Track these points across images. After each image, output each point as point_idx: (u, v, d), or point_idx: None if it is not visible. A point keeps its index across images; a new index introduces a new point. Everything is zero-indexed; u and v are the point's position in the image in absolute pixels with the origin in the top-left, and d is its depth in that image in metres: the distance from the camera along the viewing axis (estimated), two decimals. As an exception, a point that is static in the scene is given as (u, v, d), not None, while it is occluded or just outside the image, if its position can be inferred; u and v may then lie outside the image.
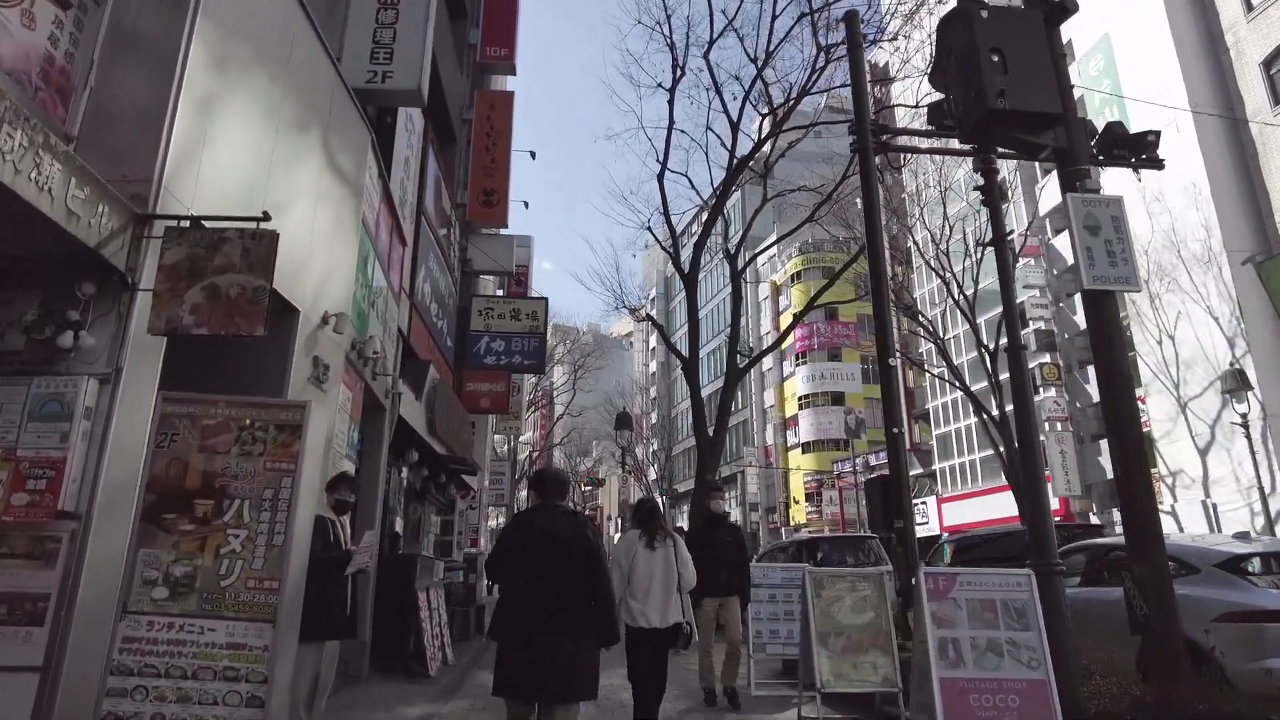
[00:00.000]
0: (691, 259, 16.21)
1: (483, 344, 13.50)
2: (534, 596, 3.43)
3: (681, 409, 65.62)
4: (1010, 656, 3.83)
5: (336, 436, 5.63)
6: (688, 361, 16.69)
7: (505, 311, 13.78)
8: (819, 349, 46.82)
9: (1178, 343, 24.09)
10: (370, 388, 6.73)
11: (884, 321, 7.75)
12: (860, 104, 8.11)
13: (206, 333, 3.17)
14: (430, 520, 10.91)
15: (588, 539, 3.60)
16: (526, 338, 13.63)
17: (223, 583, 2.85)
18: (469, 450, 11.58)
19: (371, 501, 7.12)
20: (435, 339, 10.72)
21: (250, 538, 2.92)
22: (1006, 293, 6.29)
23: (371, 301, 6.67)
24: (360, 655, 6.75)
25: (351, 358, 5.90)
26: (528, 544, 3.56)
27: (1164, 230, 24.14)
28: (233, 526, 2.91)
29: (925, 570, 4.09)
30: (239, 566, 2.88)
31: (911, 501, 7.44)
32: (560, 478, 3.92)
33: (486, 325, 13.61)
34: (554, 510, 3.69)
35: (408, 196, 9.30)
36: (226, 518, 2.92)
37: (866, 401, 45.59)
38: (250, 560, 2.89)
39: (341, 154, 5.66)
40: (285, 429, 3.12)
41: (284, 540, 2.95)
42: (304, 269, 4.99)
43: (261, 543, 2.92)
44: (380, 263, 6.99)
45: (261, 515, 2.95)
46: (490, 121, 14.67)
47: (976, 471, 34.14)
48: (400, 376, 8.26)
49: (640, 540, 4.83)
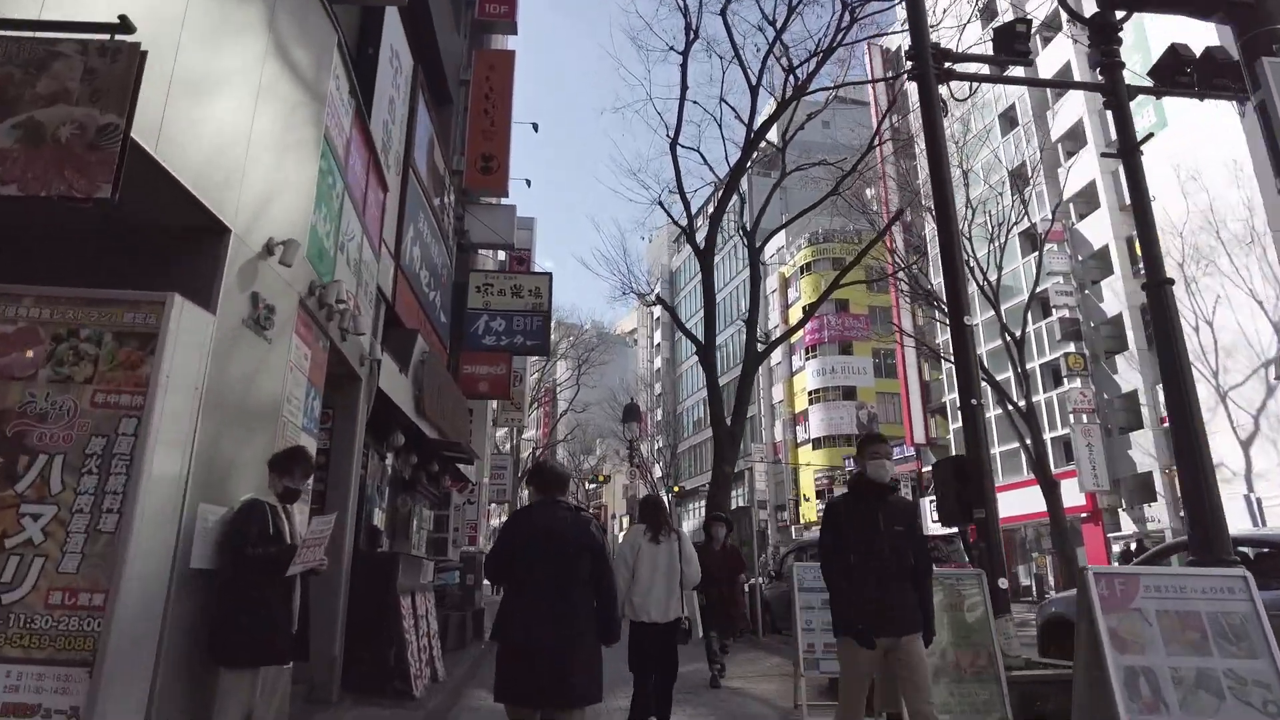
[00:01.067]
0: (707, 234, 15.01)
1: (481, 323, 12.32)
2: (536, 595, 3.34)
3: (687, 405, 64.46)
4: (1235, 697, 2.62)
5: (289, 402, 4.45)
6: (704, 346, 15.50)
7: (506, 288, 12.59)
8: (829, 342, 45.49)
9: (1217, 329, 22.77)
10: (339, 350, 5.54)
11: (956, 274, 6.58)
12: (918, 22, 6.93)
13: (17, 193, 1.97)
14: (422, 515, 9.72)
15: (592, 535, 3.53)
16: (529, 316, 12.44)
17: (3, 597, 1.67)
18: (465, 436, 10.39)
19: (343, 488, 5.93)
20: (427, 312, 9.54)
21: (60, 520, 1.75)
22: (1142, 217, 5.07)
23: (341, 245, 5.48)
24: (329, 674, 5.56)
25: (309, 304, 4.71)
26: (527, 541, 3.44)
27: (1201, 210, 22.84)
28: (31, 500, 1.73)
29: (1093, 570, 2.88)
30: (36, 569, 1.69)
31: (992, 485, 6.24)
32: (560, 471, 3.75)
33: (485, 302, 12.43)
34: (555, 506, 3.55)
35: (393, 143, 8.13)
36: (22, 486, 1.74)
37: (879, 396, 44.30)
38: (59, 559, 1.71)
39: (296, 45, 4.48)
40: (131, 340, 1.94)
41: (120, 525, 1.78)
42: (237, 178, 3.80)
43: (80, 528, 1.75)
44: (354, 203, 5.81)
45: (84, 482, 1.78)
46: (489, 83, 13.48)
47: (997, 466, 32.82)
48: (383, 345, 7.09)
49: (645, 535, 4.87)
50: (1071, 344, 29.04)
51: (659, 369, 67.80)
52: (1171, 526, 24.49)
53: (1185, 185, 23.20)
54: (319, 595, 5.59)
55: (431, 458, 9.49)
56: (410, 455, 8.69)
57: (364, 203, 6.22)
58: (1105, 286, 27.43)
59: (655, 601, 4.66)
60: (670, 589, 4.72)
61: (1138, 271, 27.09)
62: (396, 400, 7.19)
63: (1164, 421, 25.39)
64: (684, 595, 4.77)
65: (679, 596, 4.73)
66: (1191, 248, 23.06)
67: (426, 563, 7.62)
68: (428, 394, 7.93)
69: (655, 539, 4.83)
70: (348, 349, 5.73)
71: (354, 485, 6.01)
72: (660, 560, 4.75)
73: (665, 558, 4.77)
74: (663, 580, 4.72)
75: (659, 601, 4.67)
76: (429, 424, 8.22)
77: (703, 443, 61.01)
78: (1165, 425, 25.38)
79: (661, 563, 4.74)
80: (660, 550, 4.80)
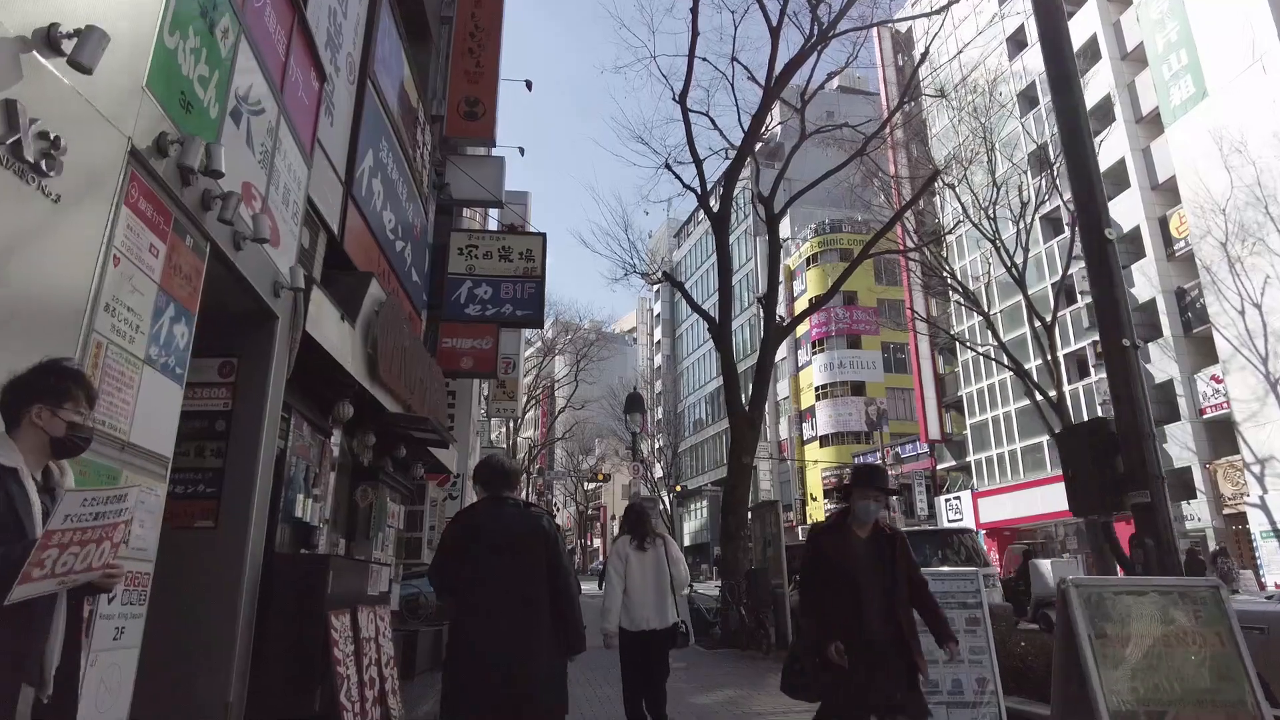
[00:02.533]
0: (722, 195, 13.34)
1: (464, 290, 10.66)
2: (487, 602, 3.06)
3: (689, 403, 62.78)
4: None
5: (111, 313, 2.77)
6: (718, 325, 13.84)
7: (493, 249, 10.93)
8: (837, 335, 43.81)
9: (1265, 311, 21.10)
10: (236, 269, 3.87)
11: (1088, 163, 4.96)
12: None
13: None
14: (387, 509, 8.03)
15: (544, 530, 3.21)
16: (520, 282, 10.78)
17: None
18: (440, 415, 8.71)
19: (248, 466, 4.25)
20: (392, 263, 7.87)
21: None
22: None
23: (236, 111, 3.81)
24: (222, 727, 3.88)
25: (159, 170, 3.03)
26: (469, 544, 3.16)
27: (1247, 185, 21.18)
28: None
29: None
30: None
31: (1157, 457, 4.54)
32: (507, 465, 3.40)
33: (469, 267, 10.77)
34: (502, 503, 3.27)
35: (344, 43, 6.49)
36: None
37: (889, 392, 42.63)
38: None
39: None
40: None
41: None
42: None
43: None
44: (261, 64, 4.14)
45: None
46: (475, 19, 11.83)
47: (1017, 463, 31.20)
48: (324, 287, 5.43)
49: (631, 544, 4.87)
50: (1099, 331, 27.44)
51: (659, 366, 66.12)
52: (1214, 525, 22.85)
53: (1229, 158, 21.57)
54: (207, 618, 3.90)
55: (398, 441, 7.81)
56: (367, 435, 7.01)
57: (282, 77, 4.54)
58: (1136, 270, 25.79)
59: (652, 608, 4.69)
60: (662, 593, 4.75)
61: (1172, 254, 25.45)
62: (341, 358, 5.52)
63: (1203, 413, 23.74)
64: (676, 599, 4.84)
65: (672, 600, 4.80)
66: (1237, 225, 21.43)
67: (378, 569, 5.91)
68: (386, 355, 6.26)
69: (642, 547, 4.85)
70: (250, 268, 4.05)
71: (263, 462, 4.33)
72: (649, 568, 4.79)
73: (653, 563, 4.81)
74: (654, 586, 4.76)
75: (655, 608, 4.70)
76: (388, 394, 6.55)
77: (703, 442, 59.37)
78: (1205, 417, 23.73)
79: (650, 569, 4.79)
80: (647, 558, 4.83)
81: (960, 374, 34.88)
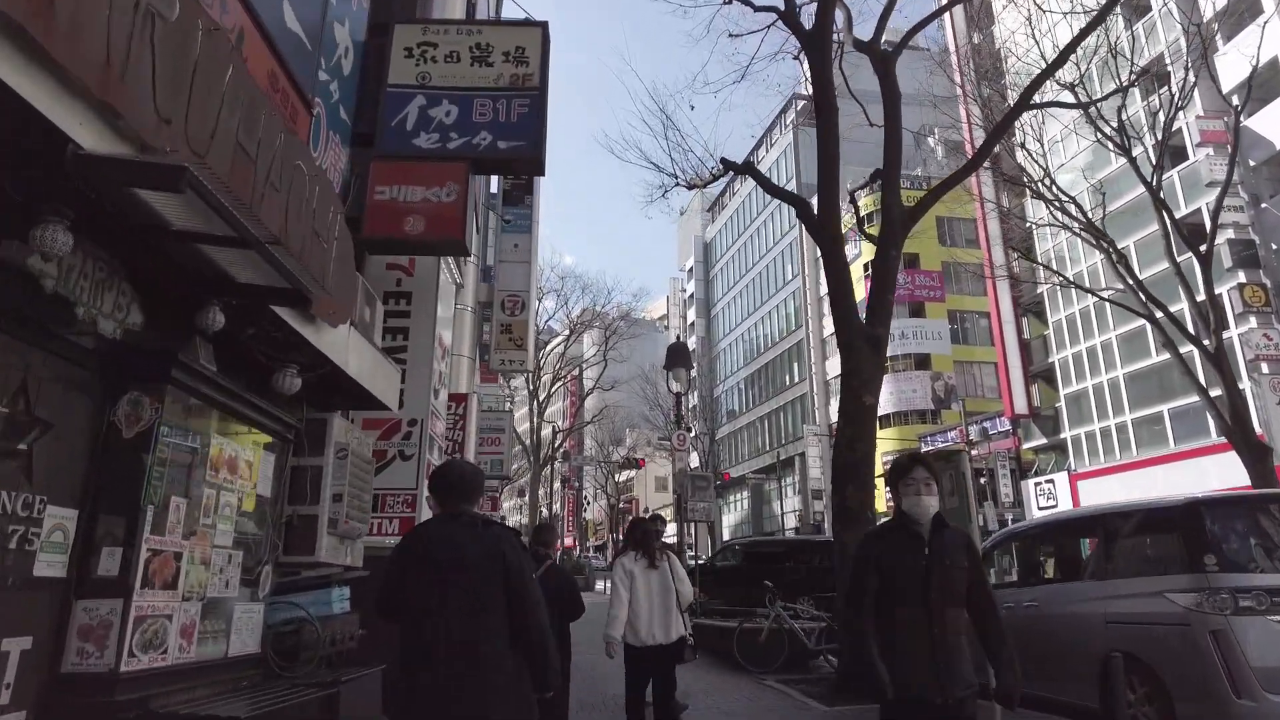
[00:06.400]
0: (818, 9, 8.97)
1: (412, 110, 6.44)
2: (429, 642, 2.59)
3: (726, 388, 58.28)
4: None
5: None
6: (814, 212, 9.54)
7: (462, 49, 6.69)
8: (898, 302, 38.82)
9: None
10: None
11: None
12: None
13: None
14: (208, 454, 3.80)
15: (503, 555, 2.69)
16: (505, 97, 6.54)
17: None
18: (347, 308, 4.45)
19: None
20: (270, 44, 3.66)
21: None
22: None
23: None
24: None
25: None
26: (409, 570, 2.70)
27: None
28: None
29: None
30: None
31: None
32: (464, 473, 2.88)
33: (421, 76, 6.56)
34: (455, 521, 2.77)
35: None
36: None
37: (957, 366, 37.74)
38: None
39: None
40: None
41: None
42: None
43: None
44: None
45: None
46: None
47: (1128, 438, 26.24)
48: None
49: (639, 562, 4.99)
50: (1242, 272, 22.39)
51: (694, 349, 61.69)
52: None
53: None
54: None
55: (218, 290, 3.57)
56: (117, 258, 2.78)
57: None
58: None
59: (658, 623, 4.83)
60: (668, 609, 4.89)
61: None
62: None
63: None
64: (682, 615, 4.96)
65: (678, 615, 4.91)
66: None
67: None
68: (189, 127, 2.00)
69: (653, 564, 4.99)
70: None
71: None
72: (655, 585, 4.93)
73: (659, 582, 4.94)
74: (660, 603, 4.89)
75: (660, 623, 4.84)
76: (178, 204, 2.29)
77: (742, 429, 54.82)
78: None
79: (657, 586, 4.93)
80: (655, 575, 4.96)
81: (1051, 338, 29.93)
